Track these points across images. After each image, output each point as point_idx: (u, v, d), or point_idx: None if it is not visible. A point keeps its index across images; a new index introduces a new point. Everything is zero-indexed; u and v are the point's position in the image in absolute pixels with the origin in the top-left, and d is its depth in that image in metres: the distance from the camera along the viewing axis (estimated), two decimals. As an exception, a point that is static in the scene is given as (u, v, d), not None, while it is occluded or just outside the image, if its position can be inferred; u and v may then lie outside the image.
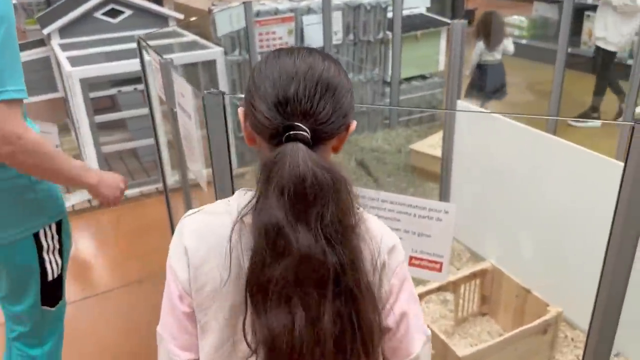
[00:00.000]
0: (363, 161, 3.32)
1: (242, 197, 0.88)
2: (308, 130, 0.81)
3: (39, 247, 1.49)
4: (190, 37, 3.97)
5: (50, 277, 1.54)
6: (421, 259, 1.40)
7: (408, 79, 4.38)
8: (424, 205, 1.37)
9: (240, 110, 0.90)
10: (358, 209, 0.84)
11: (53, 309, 1.61)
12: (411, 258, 1.41)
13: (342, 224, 0.80)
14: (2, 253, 1.46)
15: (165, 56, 1.72)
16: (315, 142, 0.82)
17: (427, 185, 3.14)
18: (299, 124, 0.81)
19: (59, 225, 1.53)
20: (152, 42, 2.03)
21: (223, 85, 3.80)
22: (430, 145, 3.36)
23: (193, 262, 0.88)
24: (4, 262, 1.48)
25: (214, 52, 3.67)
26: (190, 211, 0.94)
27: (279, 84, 0.83)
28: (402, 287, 0.91)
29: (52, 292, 1.58)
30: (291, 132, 0.81)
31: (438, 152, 2.37)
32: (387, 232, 0.92)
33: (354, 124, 0.89)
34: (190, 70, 4.48)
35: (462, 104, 2.39)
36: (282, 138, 0.81)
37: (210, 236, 0.87)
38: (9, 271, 1.50)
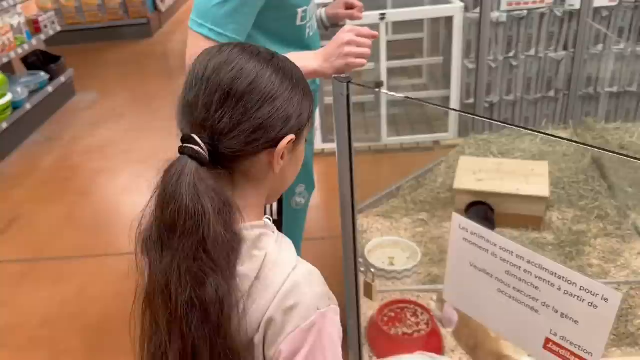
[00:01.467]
0: (599, 161, 2.65)
1: None
2: (203, 145, 0.75)
3: None
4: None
5: None
6: (561, 347, 0.98)
7: None
8: (574, 280, 0.94)
9: None
10: (258, 249, 0.78)
11: None
12: (547, 340, 1.00)
13: (211, 261, 0.73)
14: None
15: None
16: (217, 158, 0.77)
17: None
18: (194, 136, 0.75)
19: None
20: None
21: (456, 46, 3.40)
22: None
23: None
24: None
25: (452, 7, 3.28)
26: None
27: (187, 87, 0.79)
28: None
29: None
30: (183, 145, 0.76)
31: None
32: (296, 288, 0.77)
33: (287, 139, 0.79)
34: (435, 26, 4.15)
35: None
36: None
37: None
38: None
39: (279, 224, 1.61)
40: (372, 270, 1.50)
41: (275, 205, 1.56)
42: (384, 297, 2.03)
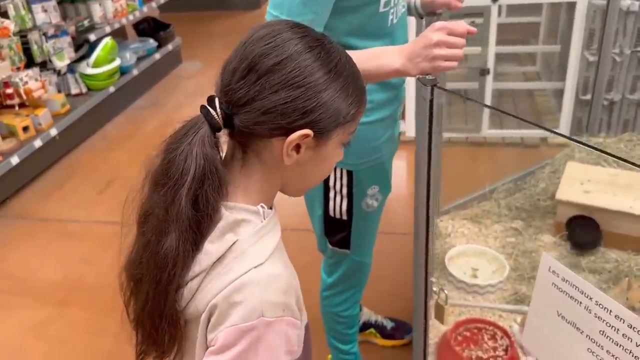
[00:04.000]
0: None
1: None
2: (219, 110, 0.76)
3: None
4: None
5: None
6: None
7: None
8: None
9: None
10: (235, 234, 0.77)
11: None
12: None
13: (178, 219, 0.74)
14: None
15: None
16: (233, 128, 0.77)
17: None
18: (215, 100, 0.77)
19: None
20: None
21: (577, 34, 3.06)
22: None
23: None
24: None
25: (576, -8, 2.95)
26: None
27: (233, 51, 0.79)
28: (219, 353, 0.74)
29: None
30: (203, 105, 0.77)
31: None
32: (248, 286, 0.74)
33: (300, 132, 0.75)
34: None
35: None
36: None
37: None
38: None
39: (347, 225, 1.51)
40: (446, 291, 1.35)
41: (344, 204, 1.46)
42: (462, 312, 1.87)
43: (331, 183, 1.45)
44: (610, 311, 0.83)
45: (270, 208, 0.85)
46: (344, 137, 0.82)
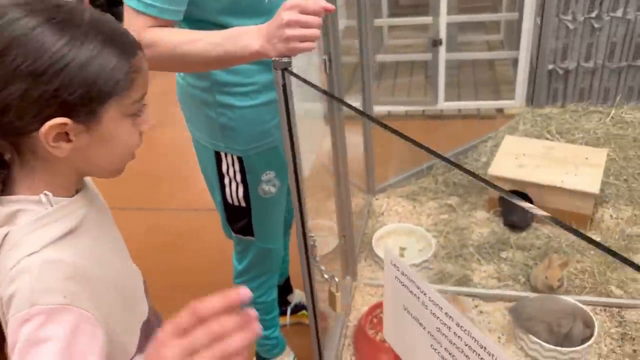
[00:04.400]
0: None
1: None
2: None
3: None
4: None
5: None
6: None
7: None
8: (484, 344, 0.69)
9: None
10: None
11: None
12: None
13: None
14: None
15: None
16: None
17: None
18: None
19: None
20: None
21: (529, 2, 2.97)
22: None
23: None
24: None
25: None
26: None
27: None
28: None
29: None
30: None
31: None
32: (20, 275, 0.68)
33: (50, 124, 0.68)
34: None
35: None
36: None
37: None
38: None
39: (247, 212, 1.45)
40: (337, 279, 1.30)
41: (241, 191, 1.40)
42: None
43: (224, 169, 1.39)
44: (442, 309, 0.78)
45: (74, 195, 0.78)
46: (126, 108, 0.74)
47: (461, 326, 0.75)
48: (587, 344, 1.56)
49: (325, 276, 1.28)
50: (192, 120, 1.39)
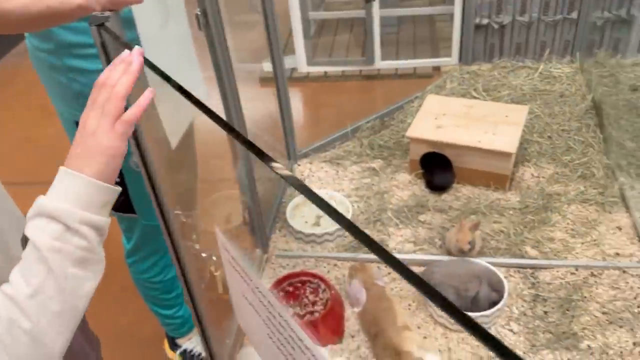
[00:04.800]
0: (600, 106, 2.17)
1: None
2: None
3: None
4: None
5: None
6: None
7: None
8: (301, 336, 0.62)
9: None
10: None
11: None
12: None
13: None
14: None
15: None
16: None
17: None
18: None
19: None
20: None
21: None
22: None
23: None
24: None
25: None
26: None
27: None
28: None
29: None
30: None
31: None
32: None
33: None
34: None
35: None
36: None
37: None
38: None
39: (123, 187, 1.36)
40: (214, 257, 1.22)
41: None
42: (297, 265, 1.77)
43: None
44: (265, 297, 0.71)
45: None
46: None
47: (282, 316, 0.68)
48: (496, 307, 1.53)
49: (204, 255, 1.20)
50: (48, 89, 1.27)
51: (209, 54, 1.36)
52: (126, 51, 0.75)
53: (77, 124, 1.27)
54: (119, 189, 0.72)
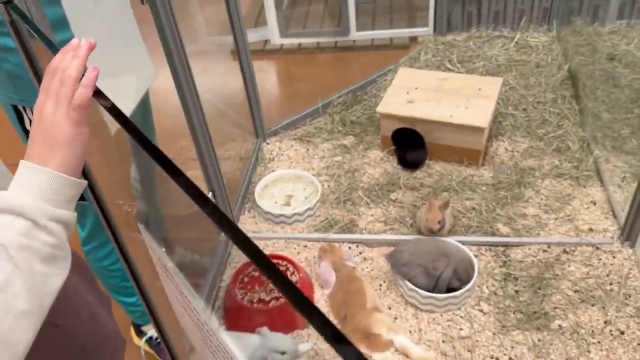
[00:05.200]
0: (576, 76, 2.11)
1: None
2: None
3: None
4: None
5: None
6: None
7: None
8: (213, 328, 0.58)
9: None
10: None
11: None
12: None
13: None
14: None
15: None
16: None
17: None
18: None
19: None
20: None
21: None
22: None
23: None
24: None
25: None
26: None
27: None
28: None
29: None
30: None
31: None
32: None
33: None
34: None
35: None
36: None
37: None
38: None
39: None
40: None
41: None
42: (266, 247, 1.72)
43: (27, 125, 1.21)
44: (186, 297, 0.66)
45: None
46: None
47: (194, 308, 0.63)
48: (466, 288, 1.49)
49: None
50: None
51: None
52: (75, 39, 0.70)
53: (14, 108, 1.20)
54: (85, 182, 0.68)
